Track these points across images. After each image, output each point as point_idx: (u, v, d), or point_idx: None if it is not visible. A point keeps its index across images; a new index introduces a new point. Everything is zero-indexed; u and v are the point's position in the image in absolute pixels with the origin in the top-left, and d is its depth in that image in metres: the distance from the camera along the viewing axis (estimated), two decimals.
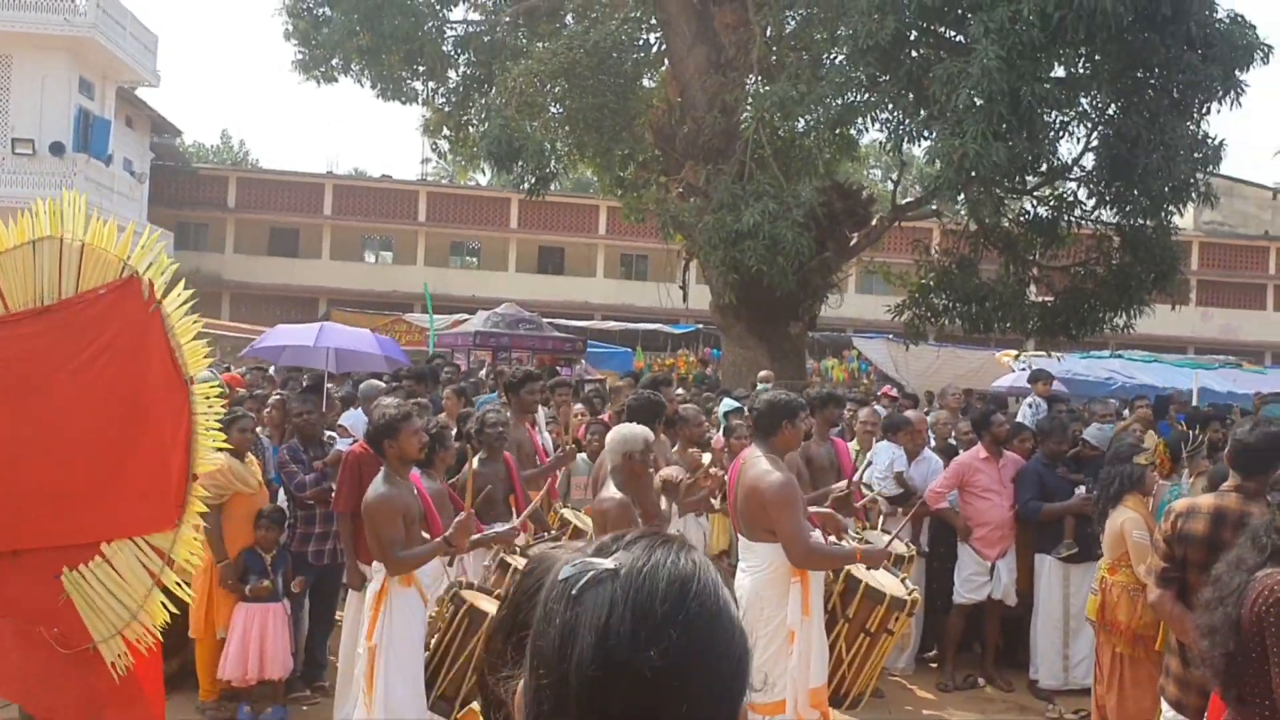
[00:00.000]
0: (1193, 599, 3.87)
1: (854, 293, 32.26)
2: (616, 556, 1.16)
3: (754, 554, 5.07)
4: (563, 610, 1.11)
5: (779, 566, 4.97)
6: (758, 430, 5.23)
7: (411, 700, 5.02)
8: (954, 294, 14.67)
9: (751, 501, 5.02)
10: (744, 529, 5.15)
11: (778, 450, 5.14)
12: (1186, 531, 3.98)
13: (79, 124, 28.80)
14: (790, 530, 4.90)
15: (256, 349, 12.08)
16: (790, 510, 4.92)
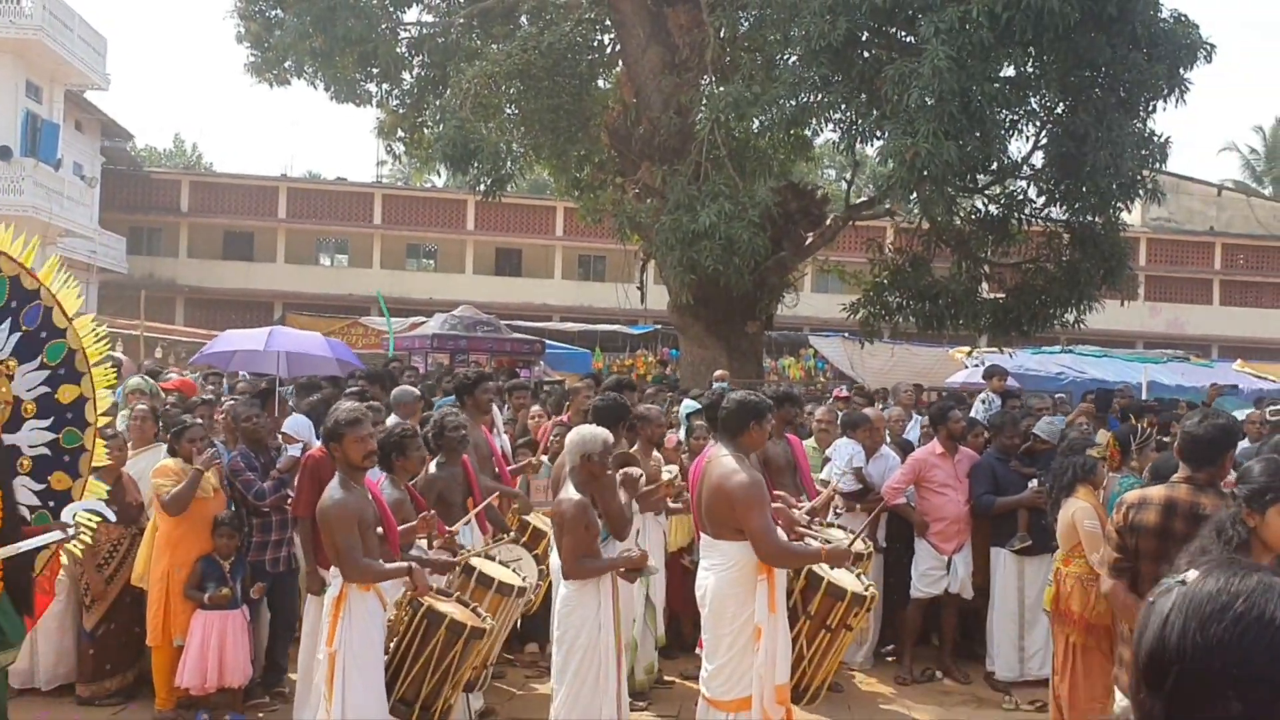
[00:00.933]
0: (1144, 588, 3.96)
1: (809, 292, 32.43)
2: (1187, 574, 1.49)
3: (719, 552, 5.10)
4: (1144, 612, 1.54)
5: (745, 564, 5.01)
6: (724, 430, 5.25)
7: (372, 704, 5.01)
8: (907, 292, 14.83)
9: (718, 501, 5.05)
10: (709, 527, 5.17)
11: (743, 449, 5.18)
12: (1138, 522, 4.06)
13: (27, 128, 28.36)
14: (759, 529, 4.93)
15: (206, 355, 11.97)
16: (758, 510, 4.96)
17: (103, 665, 6.73)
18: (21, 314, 5.03)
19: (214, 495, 6.69)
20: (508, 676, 7.49)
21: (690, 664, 7.60)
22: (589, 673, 5.29)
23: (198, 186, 40.40)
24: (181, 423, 6.85)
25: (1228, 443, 4.16)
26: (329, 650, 4.99)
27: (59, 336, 5.13)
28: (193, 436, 6.63)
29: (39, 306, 5.06)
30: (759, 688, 4.96)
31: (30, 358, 5.08)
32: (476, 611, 5.45)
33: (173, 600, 6.49)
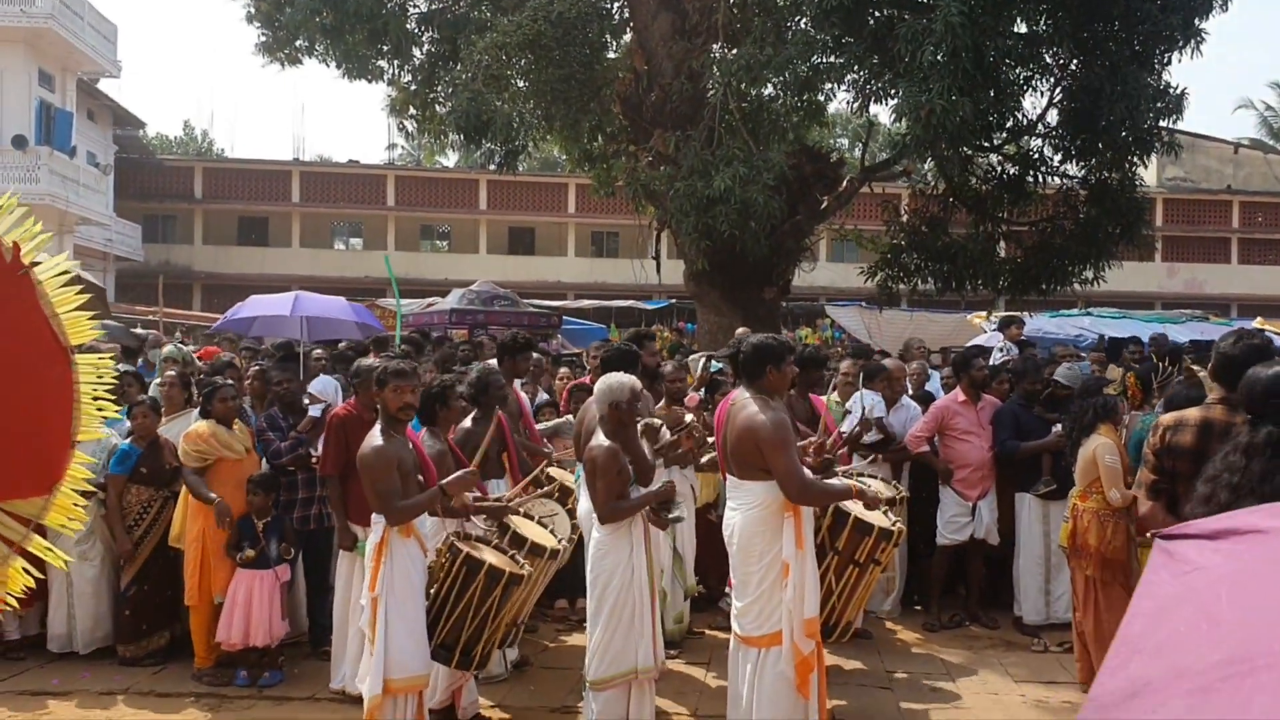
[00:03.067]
0: (1182, 510, 4.00)
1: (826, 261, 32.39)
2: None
3: (746, 492, 5.16)
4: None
5: (771, 503, 5.08)
6: (745, 373, 5.31)
7: (415, 648, 5.10)
8: (925, 254, 14.78)
9: (744, 442, 5.11)
10: (735, 469, 5.24)
11: (766, 392, 5.23)
12: (1175, 444, 4.08)
13: (40, 117, 28.51)
14: (785, 468, 4.99)
15: (229, 320, 12.04)
16: (785, 448, 5.02)
17: (139, 626, 6.84)
18: None
19: (247, 456, 6.77)
20: (539, 631, 7.57)
21: (720, 615, 7.69)
22: (623, 615, 5.36)
23: (211, 173, 40.53)
24: (213, 384, 6.94)
25: (1262, 363, 4.16)
26: (371, 595, 5.08)
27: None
28: (224, 396, 6.71)
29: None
30: (788, 622, 5.03)
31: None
32: (514, 559, 5.52)
33: (210, 559, 6.59)
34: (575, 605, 7.83)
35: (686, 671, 6.73)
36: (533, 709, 6.11)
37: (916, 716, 6.02)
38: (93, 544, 6.98)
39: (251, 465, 6.78)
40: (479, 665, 5.45)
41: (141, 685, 6.40)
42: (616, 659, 5.34)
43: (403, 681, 5.03)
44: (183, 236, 39.84)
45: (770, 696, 5.05)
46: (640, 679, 5.39)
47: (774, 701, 5.05)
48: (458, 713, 5.76)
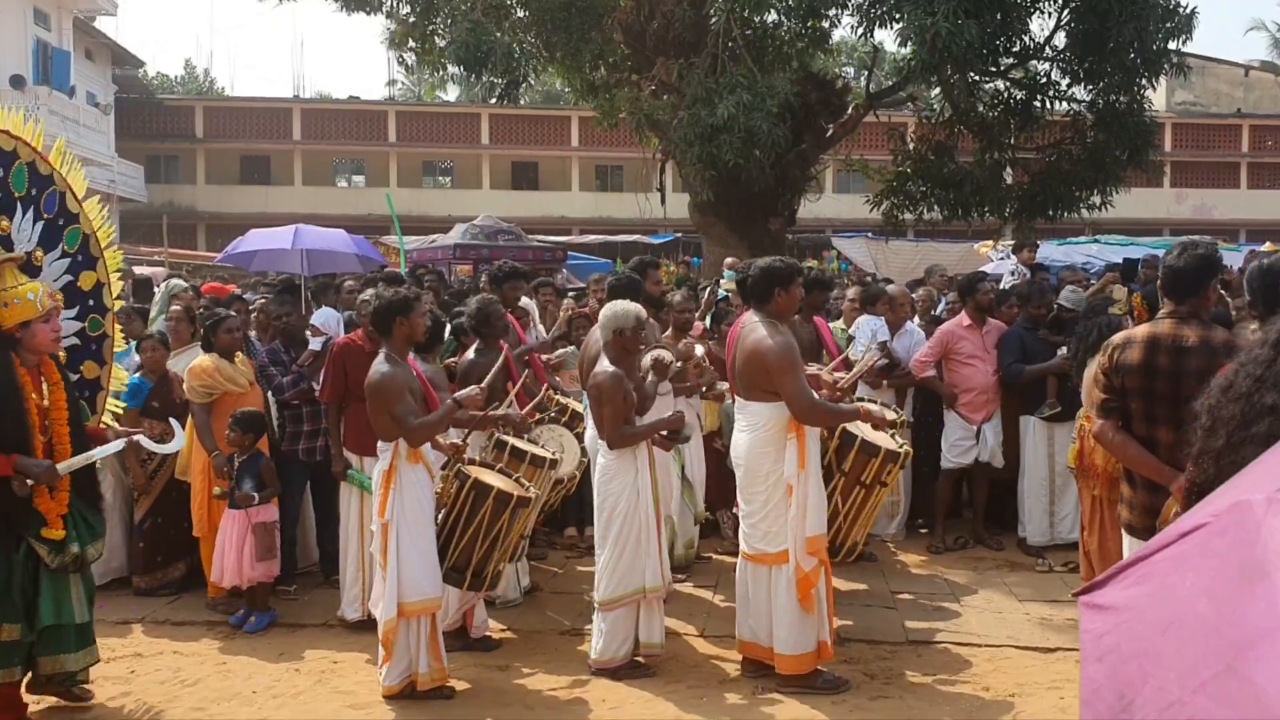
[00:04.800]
0: (1136, 427, 4.05)
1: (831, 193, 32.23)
2: None
3: (751, 413, 5.22)
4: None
5: (775, 424, 5.13)
6: (753, 296, 5.33)
7: (426, 571, 5.18)
8: (931, 182, 14.70)
9: (751, 364, 5.15)
10: (742, 390, 5.30)
11: (774, 315, 5.25)
12: (1122, 361, 4.10)
13: (37, 56, 28.26)
14: (793, 389, 5.06)
15: (230, 255, 12.00)
16: (791, 371, 5.09)
17: (154, 557, 6.92)
18: (41, 201, 5.01)
19: (250, 389, 6.78)
20: (548, 558, 7.66)
21: (725, 544, 7.77)
22: (629, 538, 5.42)
23: (212, 112, 40.22)
24: (215, 315, 6.94)
25: (1209, 272, 4.12)
26: (381, 521, 5.14)
27: (74, 222, 5.18)
28: (229, 328, 6.72)
29: (55, 192, 5.07)
30: (793, 540, 5.11)
31: (53, 246, 5.11)
32: (520, 482, 5.57)
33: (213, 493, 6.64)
34: (584, 533, 7.91)
35: (694, 593, 6.81)
36: (543, 631, 6.20)
37: (921, 635, 6.09)
38: (105, 477, 7.03)
39: (255, 399, 6.79)
40: (490, 586, 5.53)
41: (157, 615, 6.49)
42: (624, 579, 5.42)
43: (416, 604, 5.11)
44: (185, 176, 39.65)
45: (786, 615, 5.17)
46: (648, 598, 5.47)
47: (787, 619, 5.17)
48: (470, 632, 5.84)
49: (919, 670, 5.58)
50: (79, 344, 5.31)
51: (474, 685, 5.39)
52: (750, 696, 5.22)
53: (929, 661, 5.72)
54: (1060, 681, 5.42)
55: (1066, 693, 5.27)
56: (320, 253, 11.30)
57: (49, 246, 5.06)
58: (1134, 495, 4.18)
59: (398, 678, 5.14)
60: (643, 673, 5.47)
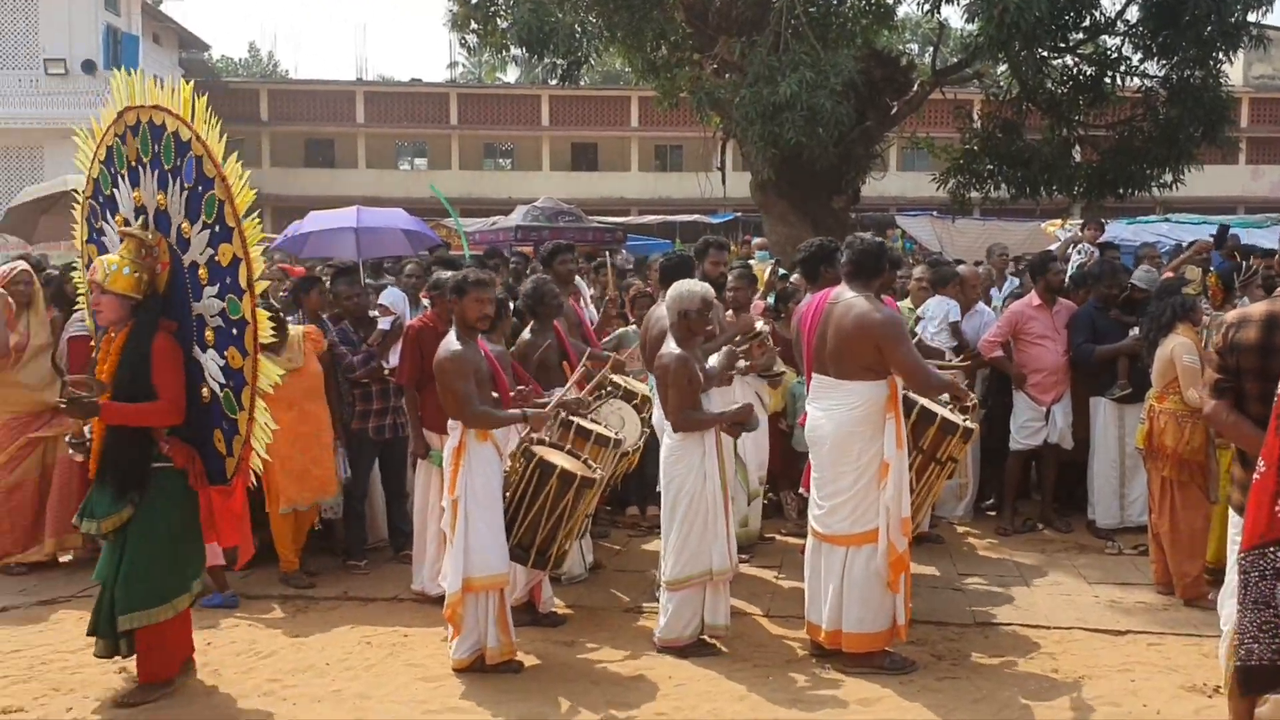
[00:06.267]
0: (1250, 408, 3.93)
1: (896, 170, 31.82)
2: None
3: (845, 392, 5.18)
4: None
5: (873, 403, 5.13)
6: (858, 272, 5.28)
7: (494, 547, 5.24)
8: (998, 159, 14.49)
9: (853, 340, 5.12)
10: (833, 369, 5.23)
11: (874, 290, 5.25)
12: (1238, 340, 3.98)
13: (107, 41, 28.78)
14: (911, 360, 5.12)
15: (288, 238, 12.16)
16: (905, 342, 5.16)
17: None
18: (183, 169, 4.72)
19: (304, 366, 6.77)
20: (611, 536, 7.70)
21: (789, 525, 7.76)
22: (696, 519, 5.43)
23: (276, 95, 40.67)
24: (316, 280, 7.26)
25: None
26: (451, 497, 5.21)
27: (210, 188, 4.65)
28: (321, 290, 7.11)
29: (192, 158, 4.68)
30: (885, 520, 5.09)
31: (195, 217, 4.73)
32: (587, 463, 5.61)
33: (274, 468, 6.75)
34: (645, 512, 7.94)
35: (758, 574, 6.81)
36: (607, 608, 6.24)
37: (989, 617, 6.04)
38: None
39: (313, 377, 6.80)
40: (555, 565, 5.58)
41: (232, 588, 6.62)
42: (691, 561, 5.43)
43: (483, 580, 5.17)
44: (250, 159, 40.01)
45: (860, 594, 5.14)
46: (715, 580, 5.48)
47: (864, 599, 5.15)
48: (537, 608, 5.90)
49: (986, 652, 5.54)
50: (222, 326, 4.72)
51: (541, 660, 5.45)
52: (816, 676, 5.22)
53: (996, 643, 5.68)
54: (1131, 664, 5.36)
55: (1137, 675, 5.21)
56: (372, 236, 11.42)
57: (193, 218, 4.73)
58: (1246, 475, 4.09)
59: (467, 651, 5.22)
60: (708, 652, 5.49)
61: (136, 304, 4.82)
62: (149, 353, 4.75)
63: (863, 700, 4.95)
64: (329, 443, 6.84)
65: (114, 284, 4.79)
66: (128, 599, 4.78)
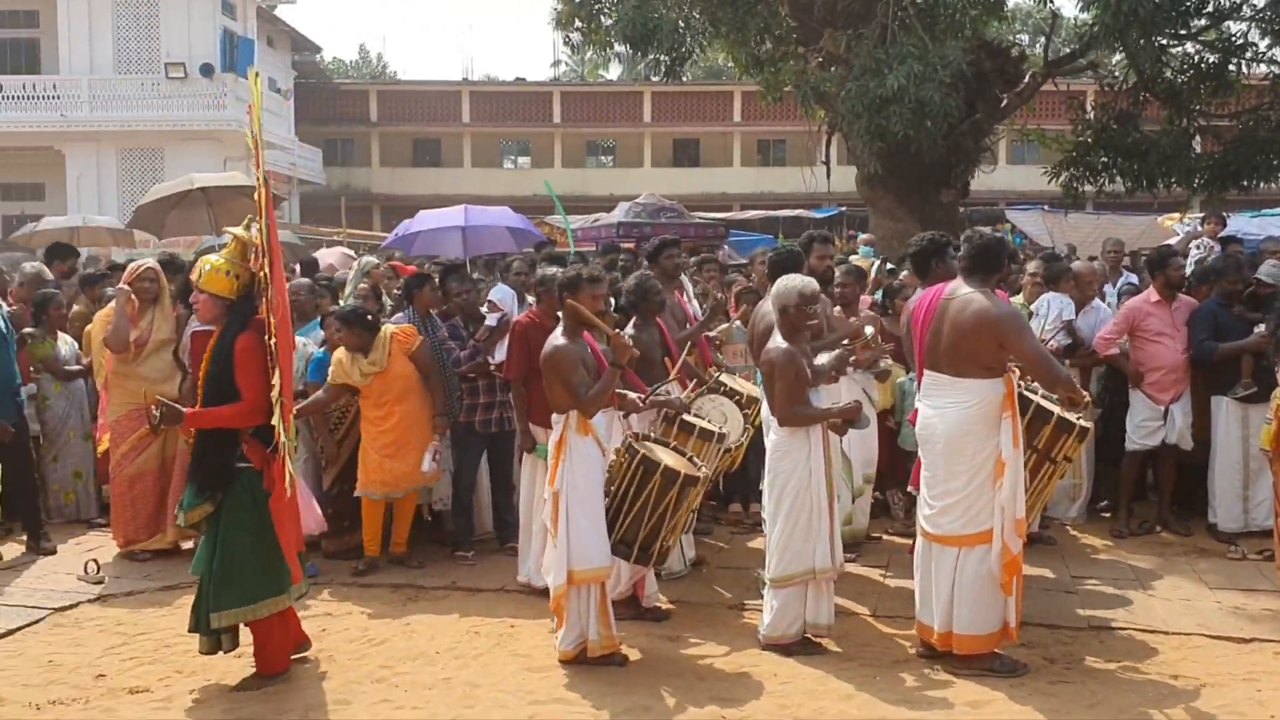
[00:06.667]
0: None
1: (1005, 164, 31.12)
2: None
3: (960, 390, 5.10)
4: None
5: (990, 401, 5.04)
6: (976, 267, 5.19)
7: (595, 541, 5.27)
8: (1114, 152, 14.09)
9: (971, 336, 5.04)
10: (949, 366, 5.15)
11: (992, 286, 5.18)
12: None
13: (224, 45, 29.75)
14: (1037, 354, 5.07)
15: (397, 238, 12.41)
16: (1030, 335, 5.13)
17: (341, 523, 7.24)
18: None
19: (389, 368, 6.88)
20: (713, 533, 7.69)
21: (896, 525, 7.66)
22: (800, 516, 5.40)
23: (385, 96, 41.54)
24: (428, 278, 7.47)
25: None
26: (552, 490, 5.26)
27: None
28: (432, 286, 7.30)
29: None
30: (1000, 521, 5.00)
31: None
32: (691, 459, 5.61)
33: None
34: (749, 509, 7.91)
35: (865, 573, 6.73)
36: (710, 604, 6.23)
37: (1103, 620, 5.88)
38: (298, 447, 7.39)
39: (393, 379, 6.89)
40: (658, 561, 5.59)
41: (345, 577, 6.80)
42: (795, 559, 5.40)
43: (585, 573, 5.21)
44: (360, 159, 41.12)
45: (972, 595, 5.06)
46: (818, 579, 5.43)
47: (976, 600, 5.06)
48: (641, 602, 5.92)
49: (1101, 656, 5.40)
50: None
51: (645, 654, 5.47)
52: (924, 677, 5.14)
53: (1111, 648, 5.52)
54: (1257, 673, 5.16)
55: (1264, 685, 5.02)
56: (478, 234, 11.61)
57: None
58: None
59: (572, 643, 5.27)
60: (814, 650, 5.45)
61: (230, 304, 5.02)
62: (233, 353, 4.92)
63: (972, 702, 4.87)
64: (412, 439, 6.91)
65: (208, 284, 5.00)
66: (218, 598, 4.96)
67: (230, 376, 4.90)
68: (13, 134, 29.15)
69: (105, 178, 29.83)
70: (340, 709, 4.86)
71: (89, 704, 4.92)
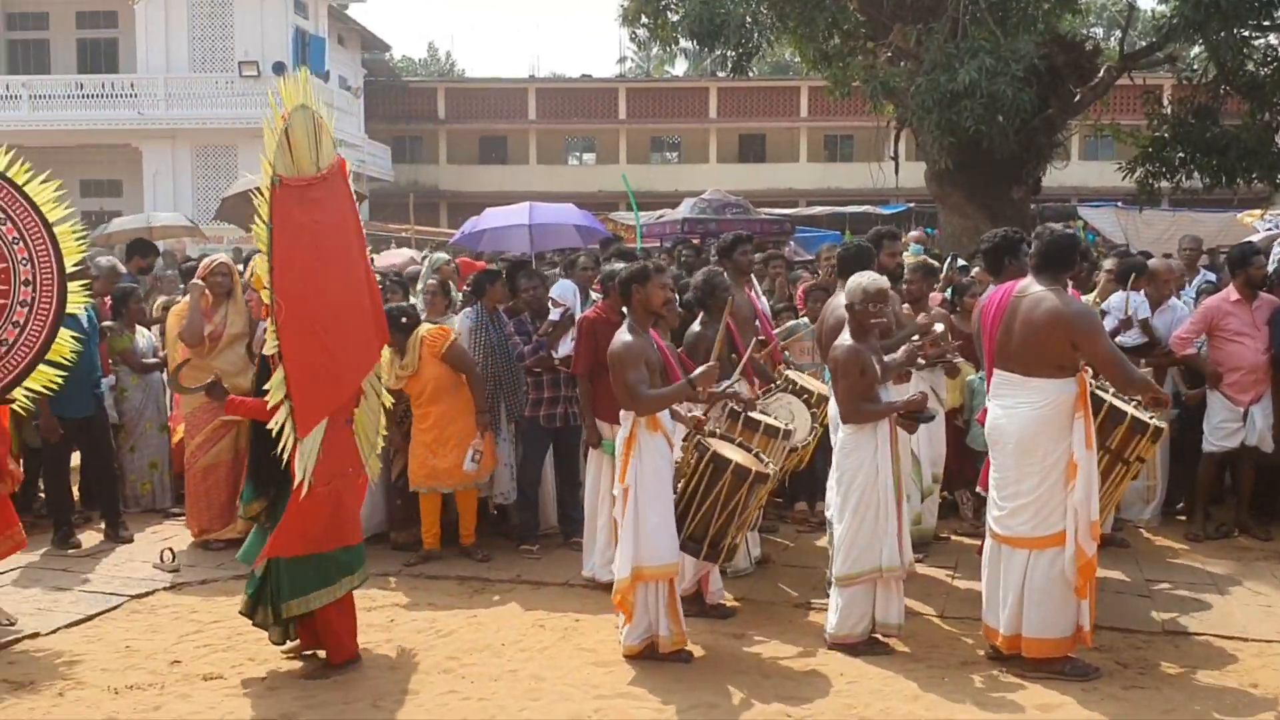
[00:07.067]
0: None
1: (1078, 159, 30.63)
2: None
3: (1030, 390, 5.02)
4: None
5: (1061, 401, 4.96)
6: (1046, 265, 5.10)
7: (665, 537, 5.26)
8: (1192, 147, 13.80)
9: (1043, 335, 4.95)
10: (1020, 365, 5.07)
11: (1062, 283, 5.09)
12: None
13: (296, 43, 30.27)
14: (1111, 354, 4.98)
15: (465, 235, 12.53)
16: (1104, 335, 5.03)
17: (410, 513, 7.32)
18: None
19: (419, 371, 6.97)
20: (779, 531, 7.65)
21: (965, 525, 7.56)
22: (867, 513, 5.35)
23: (453, 94, 41.94)
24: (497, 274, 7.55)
25: None
26: (622, 486, 5.26)
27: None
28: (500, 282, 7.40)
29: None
30: (1073, 523, 4.92)
31: None
32: (757, 455, 5.58)
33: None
34: (814, 507, 7.86)
35: (933, 574, 6.66)
36: (775, 602, 6.21)
37: (1179, 625, 5.75)
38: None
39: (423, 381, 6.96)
40: (727, 558, 5.58)
41: (415, 568, 6.87)
42: (860, 557, 5.36)
43: (654, 569, 5.21)
44: (428, 156, 41.56)
45: (1041, 599, 4.97)
46: (885, 578, 5.38)
47: (1046, 604, 4.97)
48: (705, 599, 5.91)
49: (1176, 662, 5.28)
50: None
51: (710, 651, 5.46)
52: (993, 679, 5.07)
53: (1187, 653, 5.40)
54: None
55: None
56: (544, 230, 11.67)
57: None
58: None
59: (638, 638, 5.28)
60: (881, 650, 5.40)
61: None
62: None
63: (1042, 706, 4.79)
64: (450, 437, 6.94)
65: (257, 282, 5.16)
66: (281, 588, 5.11)
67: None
68: (92, 131, 29.91)
69: (180, 174, 30.49)
70: (408, 699, 4.91)
71: (164, 689, 5.03)
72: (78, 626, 5.91)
